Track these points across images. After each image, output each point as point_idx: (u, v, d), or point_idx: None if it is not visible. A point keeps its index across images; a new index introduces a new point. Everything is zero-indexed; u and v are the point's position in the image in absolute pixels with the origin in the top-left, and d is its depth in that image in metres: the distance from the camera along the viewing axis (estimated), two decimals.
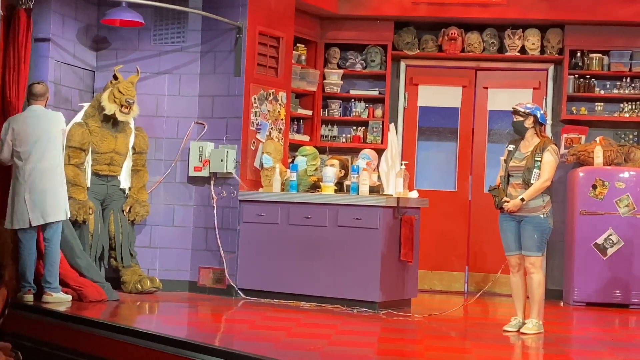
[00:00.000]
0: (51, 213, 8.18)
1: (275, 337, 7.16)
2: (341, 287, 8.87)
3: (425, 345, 7.30)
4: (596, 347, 7.52)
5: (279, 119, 9.93)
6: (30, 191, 8.13)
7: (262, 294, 9.20)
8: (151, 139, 9.62)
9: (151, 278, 9.31)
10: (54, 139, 8.27)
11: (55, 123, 8.34)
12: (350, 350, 6.76)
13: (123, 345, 6.67)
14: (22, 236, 8.23)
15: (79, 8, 9.50)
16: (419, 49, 11.30)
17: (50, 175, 8.21)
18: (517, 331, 7.77)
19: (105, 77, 9.54)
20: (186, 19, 9.71)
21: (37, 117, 8.28)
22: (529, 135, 7.77)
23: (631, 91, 10.91)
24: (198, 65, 9.74)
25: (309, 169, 9.51)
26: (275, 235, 9.20)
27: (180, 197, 9.70)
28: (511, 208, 7.65)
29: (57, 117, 8.42)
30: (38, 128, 8.21)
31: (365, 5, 10.97)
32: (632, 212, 10.05)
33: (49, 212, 8.16)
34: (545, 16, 10.81)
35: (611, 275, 10.00)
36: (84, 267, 8.66)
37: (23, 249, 8.24)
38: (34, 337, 7.34)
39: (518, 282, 7.87)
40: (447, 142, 11.44)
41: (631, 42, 10.87)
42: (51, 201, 8.19)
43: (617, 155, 10.44)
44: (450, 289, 11.07)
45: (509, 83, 11.18)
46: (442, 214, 10.91)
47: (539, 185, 7.61)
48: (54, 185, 8.22)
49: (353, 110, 11.33)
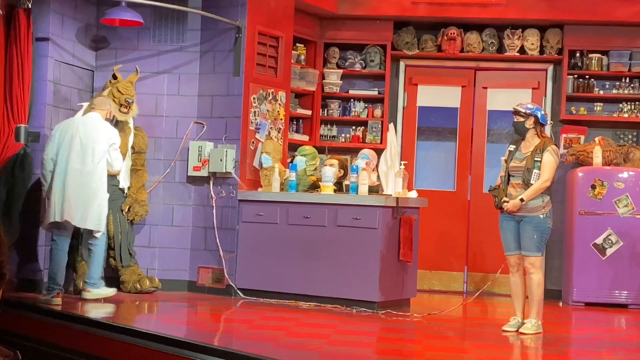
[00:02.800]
0: (76, 217, 8.35)
1: (274, 336, 7.16)
2: (340, 287, 8.87)
3: (424, 345, 7.31)
4: (595, 347, 7.52)
5: (278, 119, 9.93)
6: (58, 190, 8.36)
7: (261, 294, 9.20)
8: (150, 139, 9.63)
9: (150, 278, 9.31)
10: (99, 149, 8.45)
11: (104, 134, 8.52)
12: (349, 350, 6.76)
13: (122, 345, 6.66)
14: (57, 237, 8.46)
15: (79, 7, 9.50)
16: (418, 48, 11.30)
17: (84, 181, 8.39)
18: (516, 331, 7.77)
19: (104, 77, 9.54)
20: (185, 18, 9.71)
21: (86, 123, 8.54)
22: (529, 136, 7.77)
23: (630, 91, 10.91)
24: (197, 65, 9.74)
25: (308, 168, 9.51)
26: (275, 235, 9.21)
27: (180, 196, 9.70)
28: (510, 208, 7.65)
29: (110, 130, 8.60)
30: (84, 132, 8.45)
31: (365, 5, 10.96)
32: (631, 212, 10.05)
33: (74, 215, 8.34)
34: (544, 16, 10.81)
35: (610, 276, 10.00)
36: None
37: (56, 251, 8.45)
38: (33, 336, 7.33)
39: (517, 282, 7.87)
40: (446, 142, 11.44)
41: (630, 42, 10.87)
42: (77, 205, 8.35)
43: (616, 156, 10.44)
44: (449, 289, 11.07)
45: (508, 83, 11.18)
46: (441, 214, 10.91)
47: (539, 186, 7.61)
48: (85, 191, 8.38)
49: (352, 110, 11.33)
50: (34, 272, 8.95)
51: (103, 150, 8.48)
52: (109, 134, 8.58)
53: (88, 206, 8.41)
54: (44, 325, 7.46)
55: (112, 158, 8.57)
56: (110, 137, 8.57)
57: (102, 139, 8.49)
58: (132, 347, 6.56)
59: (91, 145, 8.44)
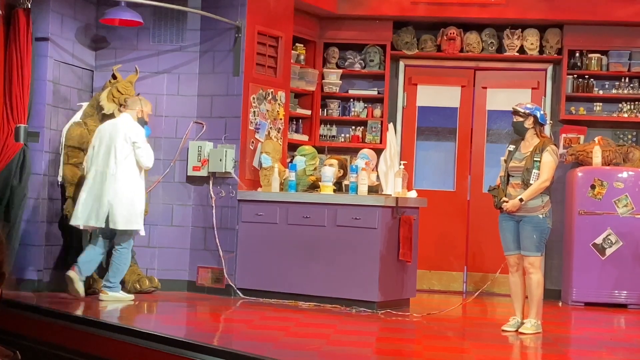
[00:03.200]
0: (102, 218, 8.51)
1: (273, 336, 7.16)
2: (340, 286, 8.86)
3: (423, 345, 7.31)
4: (595, 347, 7.52)
5: (278, 119, 9.93)
6: (88, 193, 8.57)
7: (260, 294, 9.20)
8: (150, 139, 9.62)
9: (150, 278, 9.31)
10: (119, 148, 8.59)
11: (122, 133, 8.62)
12: (348, 350, 6.76)
13: (122, 345, 6.66)
14: (93, 238, 8.71)
15: (78, 7, 9.50)
16: (418, 48, 11.30)
17: (109, 183, 8.54)
18: (515, 331, 7.77)
19: (104, 77, 9.54)
20: (185, 18, 9.71)
21: (113, 125, 8.70)
22: (529, 136, 7.77)
23: (630, 91, 10.91)
24: (197, 64, 9.74)
25: (308, 168, 9.51)
26: (274, 235, 9.20)
27: (179, 196, 9.70)
28: (510, 208, 7.65)
29: (129, 128, 8.65)
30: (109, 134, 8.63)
31: (364, 5, 10.96)
32: (630, 212, 10.05)
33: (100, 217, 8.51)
34: (544, 16, 10.81)
35: (610, 275, 10.00)
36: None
37: (91, 249, 8.67)
38: (32, 336, 7.33)
39: (517, 282, 7.87)
40: (445, 142, 11.44)
41: (630, 42, 10.87)
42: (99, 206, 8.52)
43: (616, 156, 10.44)
44: (448, 289, 11.07)
45: (508, 83, 11.18)
46: (440, 214, 10.91)
47: (538, 186, 7.61)
48: (111, 192, 8.51)
49: (352, 110, 11.33)
50: (34, 272, 8.95)
51: (124, 149, 8.58)
52: (129, 132, 8.65)
53: (115, 207, 8.53)
54: (43, 325, 7.46)
55: (138, 155, 8.64)
56: (131, 136, 8.64)
57: (121, 139, 8.60)
58: (131, 347, 6.56)
59: (113, 146, 8.59)
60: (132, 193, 8.61)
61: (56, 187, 9.18)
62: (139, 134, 8.68)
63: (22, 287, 8.73)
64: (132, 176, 8.64)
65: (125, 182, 8.59)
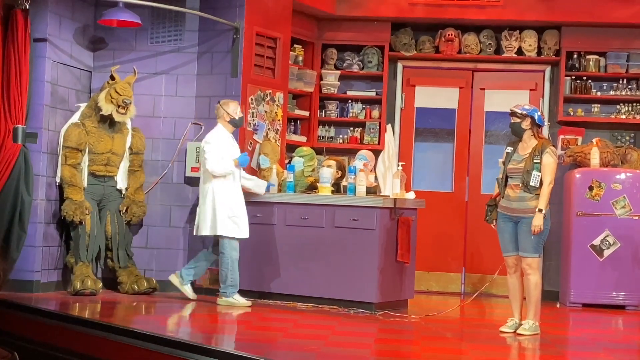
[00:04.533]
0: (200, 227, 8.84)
1: (272, 337, 7.16)
2: (338, 288, 8.86)
3: (421, 346, 7.31)
4: (592, 348, 7.52)
5: (276, 120, 9.93)
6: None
7: (258, 295, 9.19)
8: (148, 140, 9.63)
9: (148, 278, 9.31)
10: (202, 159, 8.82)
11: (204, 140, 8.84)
12: (346, 351, 6.76)
13: (119, 346, 6.66)
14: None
15: (76, 8, 9.50)
16: (416, 50, 11.31)
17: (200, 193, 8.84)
18: (513, 332, 7.77)
19: (102, 78, 9.54)
20: (183, 19, 9.71)
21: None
22: (526, 137, 7.77)
23: (628, 93, 10.92)
24: (195, 65, 9.74)
25: (306, 169, 9.51)
26: (272, 236, 9.20)
27: (177, 197, 9.69)
28: (538, 225, 7.61)
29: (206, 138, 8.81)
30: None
31: (363, 6, 10.97)
32: (628, 214, 10.06)
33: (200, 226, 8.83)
34: (542, 17, 10.82)
35: (608, 277, 10.01)
36: None
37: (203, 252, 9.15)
38: (30, 337, 7.33)
39: (515, 283, 7.87)
40: (444, 143, 11.44)
41: (628, 43, 10.88)
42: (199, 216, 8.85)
43: (614, 157, 10.46)
44: (447, 290, 11.07)
45: (506, 84, 11.19)
46: (439, 215, 10.91)
47: (547, 190, 7.62)
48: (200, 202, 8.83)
49: (350, 111, 11.33)
50: (31, 273, 8.94)
51: (203, 155, 8.73)
52: (207, 137, 8.79)
53: (200, 213, 8.80)
54: (41, 326, 7.46)
55: (203, 159, 8.77)
56: (205, 140, 8.79)
57: (203, 144, 8.79)
58: (129, 347, 6.56)
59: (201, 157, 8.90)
60: (211, 198, 8.73)
61: (54, 187, 9.18)
62: (211, 137, 8.78)
63: (20, 288, 8.73)
64: (210, 181, 8.73)
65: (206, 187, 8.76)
